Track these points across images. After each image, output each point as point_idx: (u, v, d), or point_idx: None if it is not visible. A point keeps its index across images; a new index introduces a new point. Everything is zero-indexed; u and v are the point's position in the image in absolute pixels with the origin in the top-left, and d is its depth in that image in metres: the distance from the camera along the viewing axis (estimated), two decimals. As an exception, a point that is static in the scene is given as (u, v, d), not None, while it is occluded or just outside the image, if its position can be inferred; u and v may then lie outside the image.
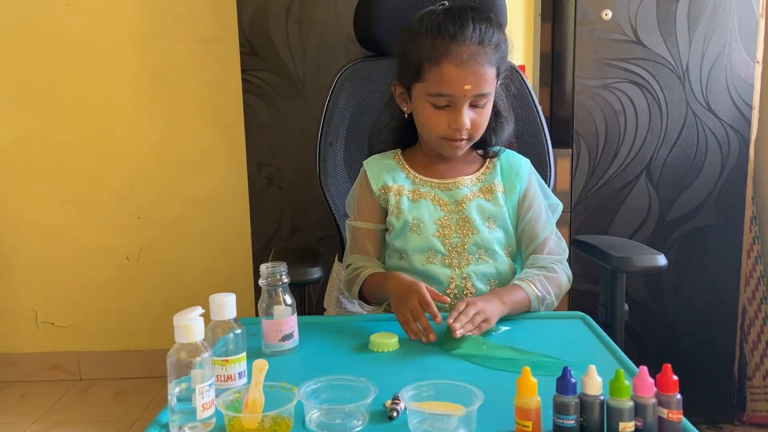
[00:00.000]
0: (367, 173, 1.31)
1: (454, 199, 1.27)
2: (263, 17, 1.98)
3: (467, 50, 1.16)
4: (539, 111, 1.52)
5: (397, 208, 1.27)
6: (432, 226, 1.25)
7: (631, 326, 2.03)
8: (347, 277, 1.31)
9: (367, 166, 1.33)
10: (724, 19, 1.92)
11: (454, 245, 1.25)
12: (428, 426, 0.79)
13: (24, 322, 2.61)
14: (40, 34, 2.42)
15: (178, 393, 0.81)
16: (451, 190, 1.28)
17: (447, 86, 1.17)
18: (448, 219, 1.26)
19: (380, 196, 1.29)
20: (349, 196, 1.39)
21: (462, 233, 1.25)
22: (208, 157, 2.49)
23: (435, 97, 1.20)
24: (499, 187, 1.29)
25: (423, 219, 1.25)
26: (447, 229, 1.25)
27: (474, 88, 1.17)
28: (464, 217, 1.25)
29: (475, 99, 1.19)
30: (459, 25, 1.17)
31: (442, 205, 1.27)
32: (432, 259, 1.25)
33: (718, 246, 2.03)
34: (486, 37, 1.17)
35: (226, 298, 0.94)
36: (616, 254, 1.35)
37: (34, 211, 2.54)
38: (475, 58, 1.16)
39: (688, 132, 1.98)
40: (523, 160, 1.34)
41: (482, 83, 1.18)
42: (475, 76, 1.17)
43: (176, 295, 2.57)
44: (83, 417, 2.32)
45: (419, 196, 1.28)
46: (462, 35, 1.16)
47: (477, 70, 1.17)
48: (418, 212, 1.26)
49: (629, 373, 0.93)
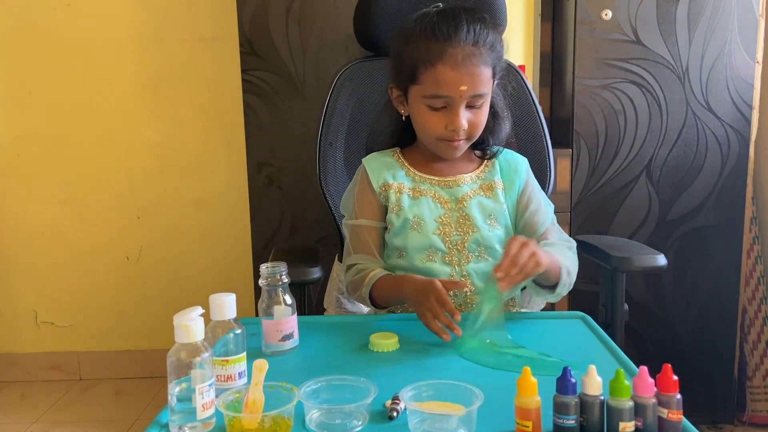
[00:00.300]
0: (367, 171, 1.30)
1: (454, 197, 1.27)
2: (263, 17, 1.98)
3: (462, 51, 1.16)
4: (539, 111, 1.52)
5: (397, 206, 1.27)
6: (432, 224, 1.25)
7: (631, 326, 2.03)
8: (351, 278, 1.27)
9: (367, 164, 1.32)
10: (724, 19, 1.92)
11: (455, 243, 1.25)
12: (428, 426, 0.79)
13: (24, 322, 2.61)
14: (40, 34, 2.42)
15: (178, 393, 0.81)
16: (451, 187, 1.28)
17: (443, 88, 1.17)
18: (449, 217, 1.26)
19: (381, 193, 1.29)
20: (345, 196, 1.37)
21: (462, 231, 1.25)
22: (208, 157, 2.49)
23: (431, 98, 1.20)
24: (499, 185, 1.29)
25: (423, 216, 1.25)
26: (447, 227, 1.25)
27: (470, 89, 1.17)
28: (465, 214, 1.25)
29: (472, 99, 1.19)
30: (453, 26, 1.17)
31: (442, 203, 1.27)
32: (432, 256, 1.25)
33: (718, 246, 2.03)
34: (480, 37, 1.17)
35: (226, 298, 0.94)
36: (616, 254, 1.35)
37: (34, 211, 2.54)
38: (470, 59, 1.16)
39: (688, 132, 1.98)
40: (521, 158, 1.34)
41: (478, 84, 1.18)
42: (471, 77, 1.17)
43: (176, 295, 2.57)
44: (83, 417, 2.32)
45: (419, 194, 1.27)
46: (456, 36, 1.16)
47: (472, 71, 1.17)
48: (419, 210, 1.26)
49: (629, 373, 0.93)
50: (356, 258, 1.30)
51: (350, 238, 1.33)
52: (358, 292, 1.25)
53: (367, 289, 1.22)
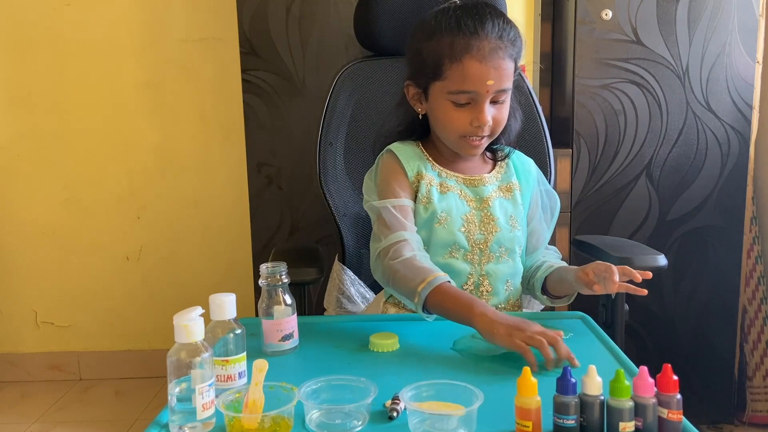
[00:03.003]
0: (399, 156, 1.25)
1: (479, 197, 1.26)
2: (263, 17, 1.98)
3: (488, 45, 1.15)
4: (539, 111, 1.52)
5: (426, 198, 1.24)
6: (458, 221, 1.23)
7: (631, 326, 2.03)
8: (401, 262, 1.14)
9: (397, 150, 1.26)
10: (724, 19, 1.92)
11: (478, 242, 1.24)
12: (428, 426, 0.79)
13: (24, 322, 2.61)
14: (40, 34, 2.42)
15: (178, 393, 0.81)
16: (477, 186, 1.27)
17: (469, 83, 1.16)
18: (474, 215, 1.25)
19: (414, 181, 1.25)
20: (370, 179, 1.29)
21: (486, 231, 1.24)
22: (208, 157, 2.49)
23: (456, 94, 1.18)
24: (516, 186, 1.30)
25: (451, 212, 1.23)
26: (472, 225, 1.24)
27: (496, 83, 1.16)
28: (489, 214, 1.25)
29: (496, 95, 1.18)
30: (479, 20, 1.16)
31: (468, 201, 1.26)
32: (454, 253, 1.24)
33: (718, 246, 2.03)
34: (504, 32, 1.17)
35: (226, 298, 0.94)
36: (616, 254, 1.36)
37: (34, 211, 2.54)
38: (496, 52, 1.15)
39: (688, 132, 1.98)
40: (530, 159, 1.36)
41: (504, 78, 1.17)
42: (497, 71, 1.16)
43: (176, 295, 2.57)
44: (83, 417, 2.32)
45: (447, 189, 1.25)
46: (483, 30, 1.15)
47: (498, 64, 1.16)
48: (447, 205, 1.23)
49: (629, 373, 0.93)
50: (406, 234, 1.18)
51: (384, 217, 1.21)
52: (410, 286, 1.12)
53: (426, 289, 1.09)
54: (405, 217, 1.21)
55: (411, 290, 1.11)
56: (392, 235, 1.18)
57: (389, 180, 1.24)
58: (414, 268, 1.13)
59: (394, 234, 1.18)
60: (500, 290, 1.27)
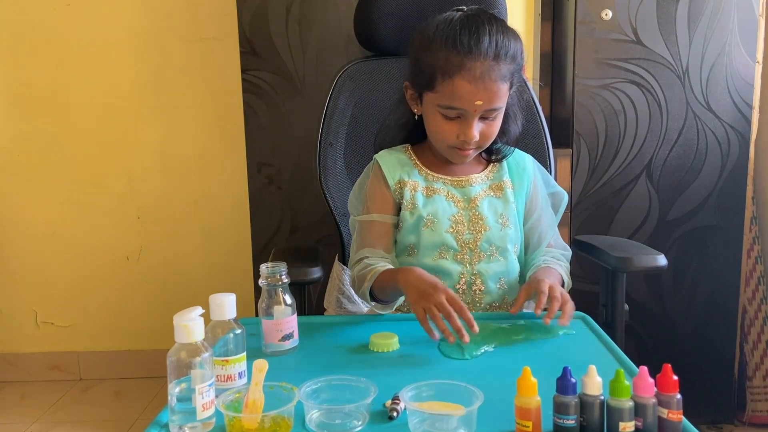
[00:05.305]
0: (382, 167, 1.30)
1: (466, 197, 1.28)
2: (263, 17, 1.98)
3: (481, 66, 1.15)
4: (539, 111, 1.53)
5: (411, 203, 1.26)
6: (446, 222, 1.25)
7: (631, 326, 2.03)
8: (358, 273, 1.24)
9: (381, 160, 1.31)
10: (724, 19, 1.92)
11: (467, 242, 1.25)
12: (428, 426, 0.79)
13: (24, 322, 2.61)
14: (40, 34, 2.42)
15: (178, 393, 0.81)
16: (464, 187, 1.29)
17: (458, 101, 1.17)
18: (462, 216, 1.26)
19: (395, 189, 1.28)
20: (354, 192, 1.35)
21: (474, 230, 1.26)
22: (208, 157, 2.49)
23: (446, 108, 1.19)
24: (508, 185, 1.30)
25: (437, 215, 1.25)
26: (460, 225, 1.25)
27: (486, 104, 1.17)
28: (477, 214, 1.26)
29: (486, 113, 1.19)
30: (475, 38, 1.15)
31: (455, 202, 1.27)
32: (444, 254, 1.25)
33: (718, 246, 2.03)
34: (502, 51, 1.16)
35: (226, 298, 0.94)
36: (616, 254, 1.36)
37: (34, 211, 2.53)
38: (488, 74, 1.15)
39: (688, 132, 1.98)
40: (527, 156, 1.36)
41: (494, 99, 1.18)
42: (488, 93, 1.16)
43: (176, 295, 2.57)
44: (83, 417, 2.32)
45: (433, 192, 1.28)
46: (477, 50, 1.15)
47: (489, 86, 1.16)
48: (433, 208, 1.26)
49: (629, 373, 0.93)
50: (366, 252, 1.26)
51: (359, 232, 1.30)
52: (362, 288, 1.21)
53: (368, 284, 1.19)
54: (371, 234, 1.28)
55: (363, 294, 1.21)
56: (358, 252, 1.28)
57: (370, 193, 1.31)
58: (363, 273, 1.22)
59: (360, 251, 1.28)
60: (493, 289, 1.27)
